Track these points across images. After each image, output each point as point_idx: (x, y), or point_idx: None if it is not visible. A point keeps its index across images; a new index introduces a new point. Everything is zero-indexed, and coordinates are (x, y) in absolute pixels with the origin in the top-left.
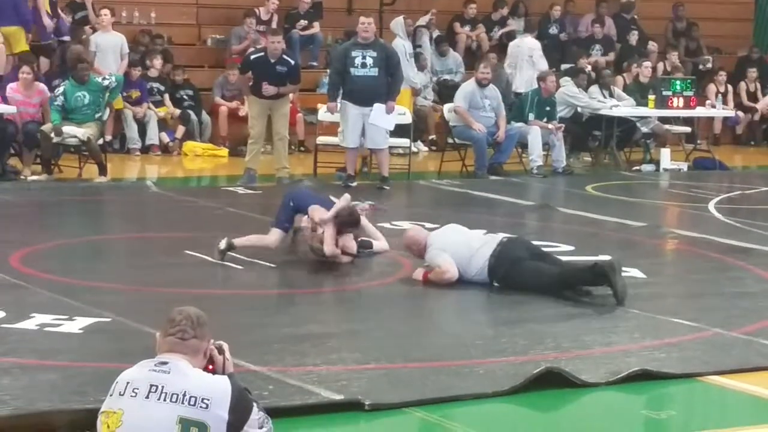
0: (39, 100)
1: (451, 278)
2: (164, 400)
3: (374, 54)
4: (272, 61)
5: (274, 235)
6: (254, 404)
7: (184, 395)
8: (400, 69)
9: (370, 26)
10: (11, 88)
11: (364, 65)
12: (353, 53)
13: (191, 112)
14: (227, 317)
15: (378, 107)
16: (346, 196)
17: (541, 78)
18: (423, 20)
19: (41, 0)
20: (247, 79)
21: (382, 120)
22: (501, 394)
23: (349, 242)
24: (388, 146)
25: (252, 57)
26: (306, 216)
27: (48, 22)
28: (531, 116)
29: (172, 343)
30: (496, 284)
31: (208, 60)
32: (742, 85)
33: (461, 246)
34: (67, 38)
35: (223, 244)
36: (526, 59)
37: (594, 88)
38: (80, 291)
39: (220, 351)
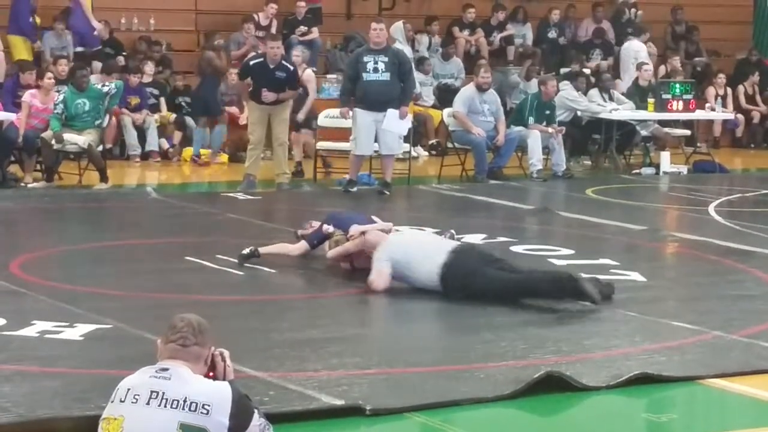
0: (53, 107)
1: (375, 288)
2: (165, 406)
3: (386, 59)
4: (271, 66)
5: (299, 247)
6: (255, 411)
7: (185, 401)
8: (412, 74)
9: (381, 32)
10: (30, 94)
11: (376, 70)
12: (365, 58)
13: (189, 118)
14: (227, 323)
15: (391, 113)
16: (390, 224)
17: (541, 82)
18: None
19: (86, 6)
20: (246, 85)
21: (396, 125)
22: (502, 398)
23: (364, 263)
24: (401, 151)
25: (251, 63)
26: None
27: (97, 25)
28: (531, 120)
29: (174, 350)
30: (447, 294)
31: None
32: (741, 88)
33: (413, 252)
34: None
35: (246, 250)
36: (632, 61)
37: (594, 92)
38: (81, 298)
39: (222, 358)
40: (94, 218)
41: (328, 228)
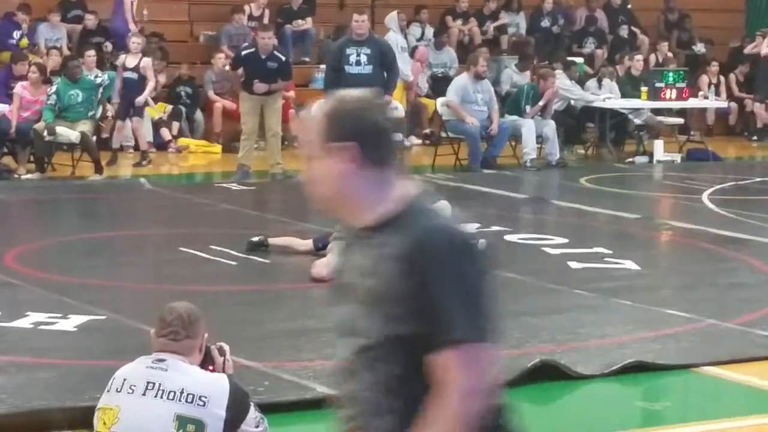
0: (45, 98)
1: (315, 275)
2: (161, 397)
3: (368, 51)
4: (263, 56)
5: (306, 244)
6: (251, 404)
7: (182, 392)
8: (396, 64)
9: (363, 23)
10: (21, 86)
11: (358, 63)
12: (348, 50)
13: (182, 108)
14: (222, 313)
15: None
16: None
17: (542, 76)
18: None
19: (127, 8)
20: (238, 75)
21: None
22: None
23: None
24: None
25: (243, 53)
26: None
27: (133, 28)
28: (528, 108)
29: (164, 344)
30: None
31: (201, 56)
32: (732, 76)
33: None
34: None
35: (256, 238)
36: None
37: (590, 81)
38: (75, 289)
39: (222, 352)
40: (88, 209)
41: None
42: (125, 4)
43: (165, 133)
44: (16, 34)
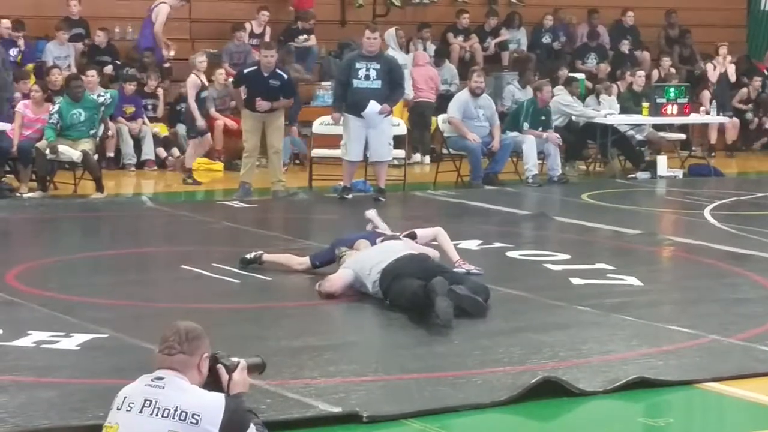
0: (47, 117)
1: (324, 290)
2: (156, 414)
3: (378, 66)
4: (265, 74)
5: (303, 262)
6: (252, 425)
7: (176, 410)
8: (403, 82)
9: (375, 41)
10: (24, 105)
11: (367, 77)
12: (357, 65)
13: (184, 126)
14: (224, 331)
15: (373, 102)
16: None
17: (537, 88)
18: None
19: (160, 29)
20: (240, 93)
21: (376, 109)
22: (499, 404)
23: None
24: (391, 158)
25: (245, 71)
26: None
27: (165, 53)
28: (525, 125)
29: (161, 360)
30: (387, 301)
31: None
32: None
33: (366, 261)
34: None
35: (250, 255)
36: None
37: (590, 99)
38: (77, 307)
39: (233, 368)
40: (90, 228)
41: (340, 250)
42: (156, 25)
43: (161, 152)
44: (13, 52)
